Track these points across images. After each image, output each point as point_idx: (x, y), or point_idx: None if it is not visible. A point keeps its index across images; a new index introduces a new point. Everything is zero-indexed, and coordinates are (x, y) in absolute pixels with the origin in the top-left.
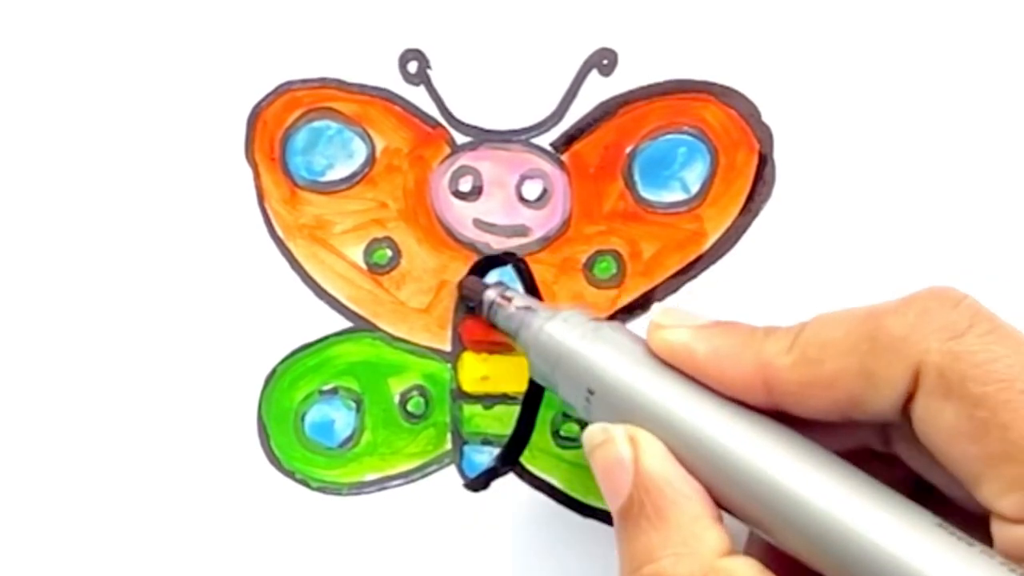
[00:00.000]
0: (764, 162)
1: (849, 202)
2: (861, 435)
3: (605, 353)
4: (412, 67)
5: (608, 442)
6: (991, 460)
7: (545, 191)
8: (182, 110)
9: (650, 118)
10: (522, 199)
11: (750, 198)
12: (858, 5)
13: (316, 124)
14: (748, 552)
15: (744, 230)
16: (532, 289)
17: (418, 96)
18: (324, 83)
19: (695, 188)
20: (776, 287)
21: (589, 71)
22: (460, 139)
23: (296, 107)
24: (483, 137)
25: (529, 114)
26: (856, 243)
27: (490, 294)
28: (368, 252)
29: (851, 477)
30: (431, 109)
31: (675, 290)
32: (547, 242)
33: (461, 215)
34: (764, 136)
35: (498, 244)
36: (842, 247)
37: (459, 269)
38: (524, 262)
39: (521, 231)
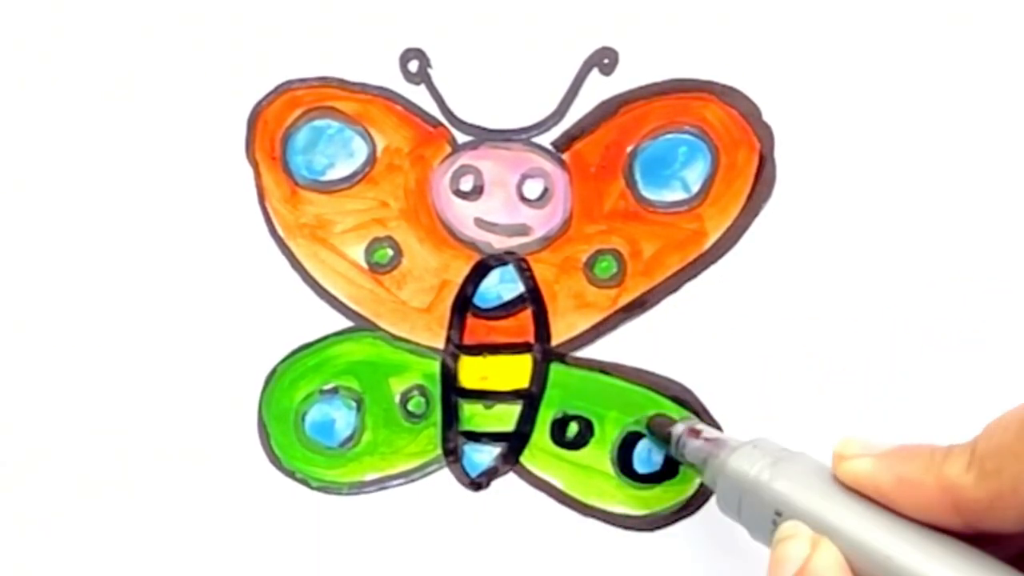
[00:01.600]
0: (765, 162)
1: (849, 202)
2: None
3: (792, 483)
4: (413, 66)
5: (793, 538)
6: None
7: (546, 190)
8: (183, 109)
9: (651, 117)
10: (523, 198)
11: (751, 198)
12: (858, 5)
13: (317, 123)
14: None
15: (745, 230)
16: (534, 288)
17: (419, 95)
18: (325, 82)
19: (696, 187)
20: (776, 286)
21: (590, 70)
22: (461, 138)
23: (297, 106)
24: (484, 136)
25: (530, 113)
26: (856, 243)
27: (678, 428)
28: (369, 251)
29: None
30: (432, 108)
31: (675, 290)
32: (548, 241)
33: (462, 214)
34: (765, 136)
35: (499, 243)
36: (842, 247)
37: (460, 268)
38: (525, 261)
39: (522, 230)
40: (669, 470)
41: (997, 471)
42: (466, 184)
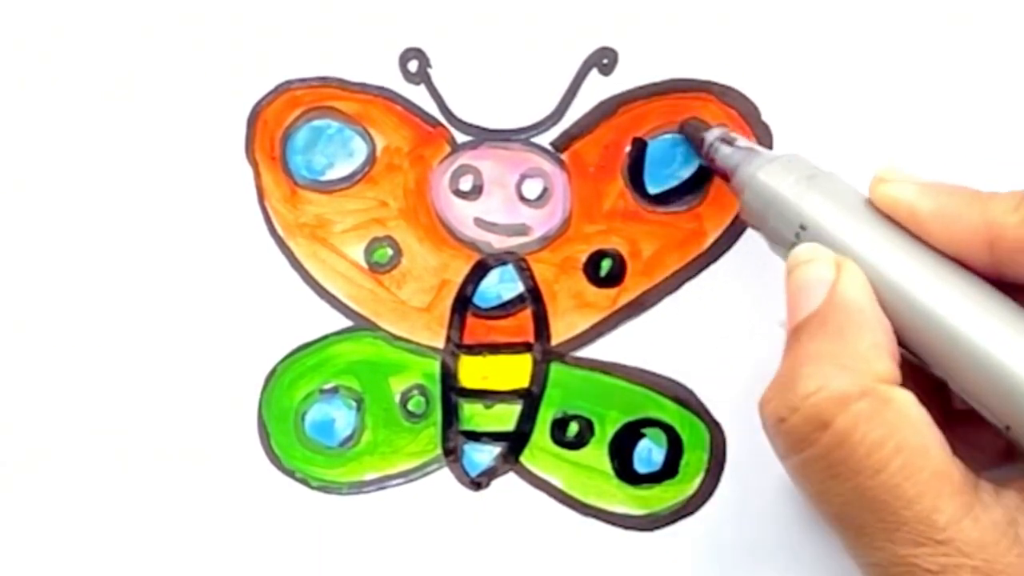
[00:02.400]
0: None
1: None
2: None
3: (823, 197)
4: (412, 66)
5: (814, 261)
6: None
7: (545, 190)
8: (183, 109)
9: (650, 117)
10: (522, 198)
11: None
12: (858, 5)
13: (316, 123)
14: None
15: (744, 229)
16: (533, 288)
17: (418, 95)
18: (325, 82)
19: (695, 188)
20: (776, 286)
21: (589, 70)
22: (460, 138)
23: (296, 106)
24: (483, 136)
25: (529, 113)
26: None
27: (714, 133)
28: (369, 251)
29: None
30: (432, 108)
31: (675, 289)
32: (547, 241)
33: (462, 214)
34: (763, 135)
35: (499, 243)
36: None
37: (460, 268)
38: (525, 261)
39: (521, 230)
40: (669, 470)
41: None
42: (465, 184)
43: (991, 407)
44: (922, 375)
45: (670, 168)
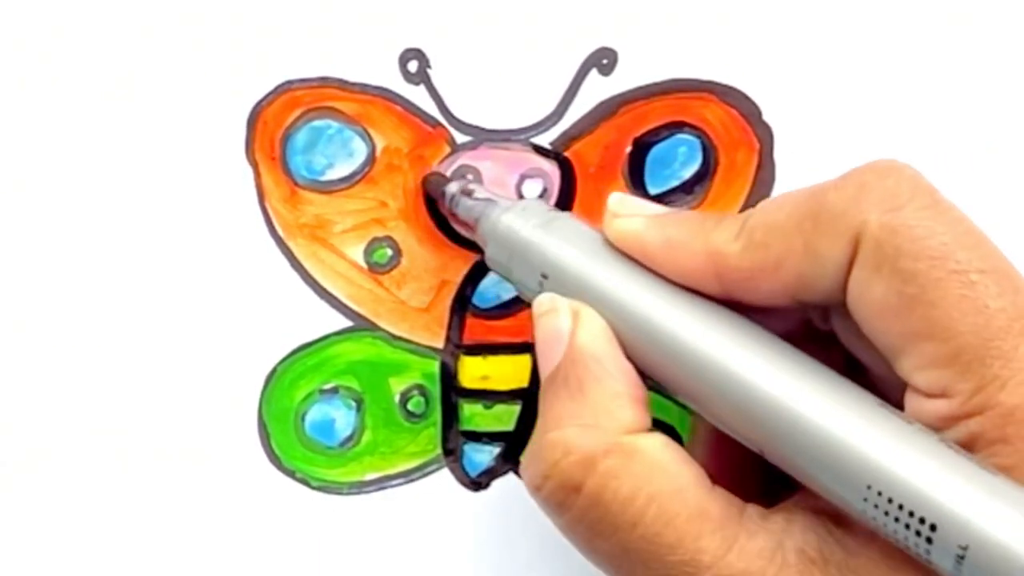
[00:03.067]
0: (764, 162)
1: None
2: (801, 316)
3: (560, 241)
4: (412, 66)
5: (552, 312)
6: (913, 336)
7: (545, 190)
8: (183, 109)
9: (651, 117)
10: (522, 198)
11: (750, 197)
12: (858, 5)
13: (316, 123)
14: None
15: None
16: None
17: (418, 95)
18: (324, 82)
19: (695, 188)
20: None
21: (589, 70)
22: (460, 138)
23: (296, 106)
24: (483, 136)
25: (529, 113)
26: None
27: (452, 187)
28: (368, 251)
29: (793, 358)
30: (431, 109)
31: None
32: None
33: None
34: (765, 136)
35: None
36: None
37: (459, 268)
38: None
39: None
40: None
41: (765, 244)
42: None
43: (742, 432)
44: None
45: (671, 168)
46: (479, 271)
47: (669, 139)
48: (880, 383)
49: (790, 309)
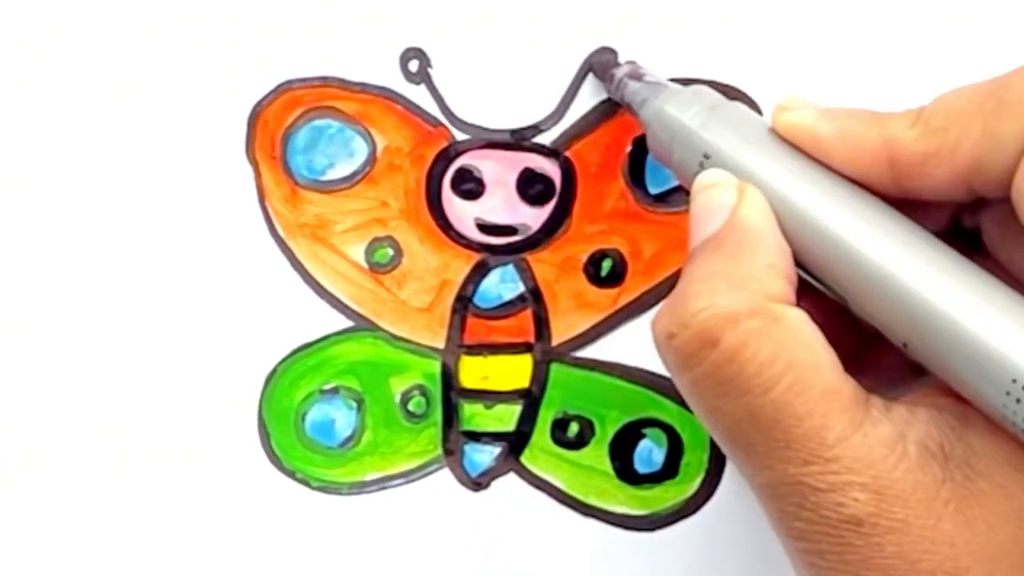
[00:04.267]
0: None
1: None
2: (950, 216)
3: (725, 126)
4: (413, 66)
5: (717, 186)
6: None
7: (546, 190)
8: (183, 109)
9: None
10: (523, 198)
11: None
12: (858, 6)
13: (317, 123)
14: None
15: None
16: (534, 288)
17: (419, 95)
18: (325, 82)
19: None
20: None
21: (589, 70)
22: (461, 138)
23: (297, 106)
24: (484, 136)
25: (530, 113)
26: None
27: (622, 69)
28: (369, 251)
29: (945, 254)
30: (432, 108)
31: None
32: (548, 241)
33: (462, 214)
34: None
35: (499, 243)
36: None
37: (460, 268)
38: (525, 261)
39: (522, 230)
40: (670, 470)
41: (943, 128)
42: (466, 184)
43: (889, 325)
44: (825, 300)
45: None
46: (480, 271)
47: None
48: (1021, 287)
49: (943, 206)
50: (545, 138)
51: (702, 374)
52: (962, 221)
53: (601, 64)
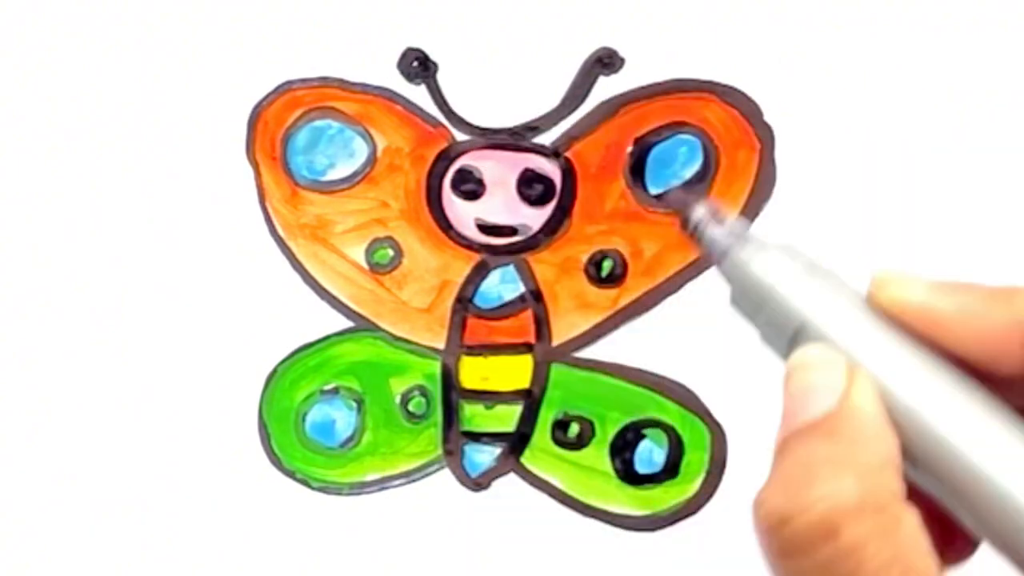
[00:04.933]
0: (765, 162)
1: (850, 201)
2: None
3: (824, 298)
4: (413, 66)
5: (823, 367)
6: None
7: (546, 190)
8: (183, 110)
9: (651, 117)
10: (524, 198)
11: (751, 198)
12: (858, 6)
13: (317, 123)
14: None
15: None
16: (534, 288)
17: (419, 96)
18: (325, 82)
19: (697, 187)
20: None
21: (590, 70)
22: (462, 138)
23: (297, 106)
24: (485, 136)
25: (531, 113)
26: (857, 243)
27: (699, 211)
28: (369, 252)
29: None
30: (432, 108)
31: (676, 290)
32: (548, 241)
33: (463, 214)
34: (766, 136)
35: (500, 243)
36: (843, 246)
37: (461, 269)
38: (526, 261)
39: (523, 230)
40: (670, 470)
41: None
42: (467, 185)
43: (1011, 546)
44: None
45: (671, 168)
46: (480, 271)
47: (670, 139)
48: None
49: None
50: (545, 139)
51: (813, 566)
52: None
53: (676, 200)
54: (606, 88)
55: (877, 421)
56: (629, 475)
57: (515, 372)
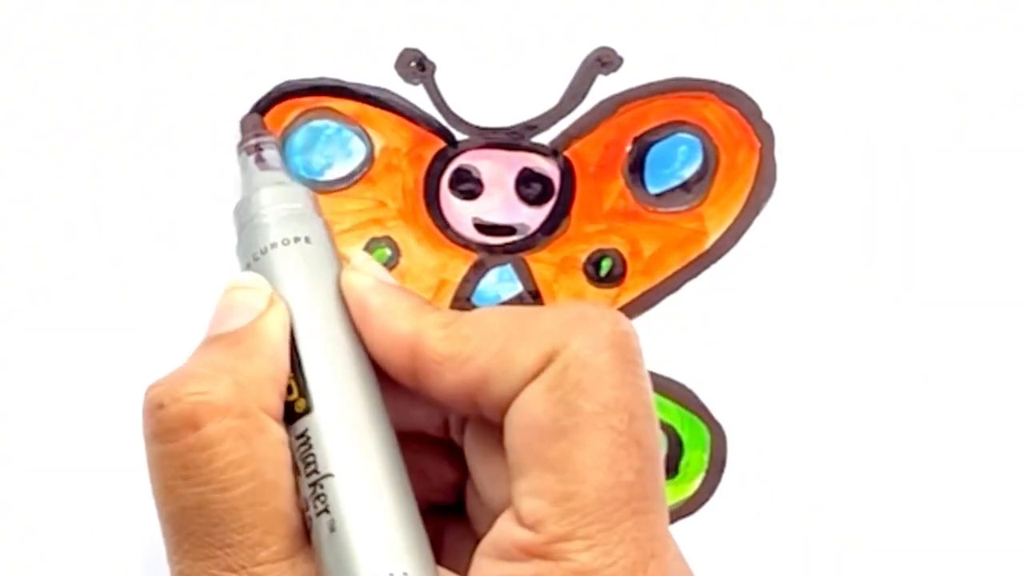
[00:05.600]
0: (765, 161)
1: (850, 201)
2: (439, 421)
3: (298, 244)
4: (411, 66)
5: (252, 289)
6: (544, 462)
7: (545, 190)
8: (182, 110)
9: (651, 116)
10: (522, 198)
11: (751, 197)
12: (858, 6)
13: (315, 123)
14: None
15: (745, 229)
16: (533, 288)
17: (417, 95)
18: (323, 83)
19: (696, 187)
20: (777, 286)
21: (589, 70)
22: (460, 138)
23: (295, 106)
24: (483, 136)
25: (529, 113)
26: (857, 242)
27: (250, 143)
28: (367, 251)
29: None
30: (430, 108)
31: (676, 289)
32: (547, 241)
33: (460, 214)
34: (765, 135)
35: (498, 243)
36: (843, 246)
37: (458, 268)
38: (524, 261)
39: (521, 230)
40: (669, 470)
41: (467, 337)
42: (464, 184)
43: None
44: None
45: (671, 167)
46: (478, 271)
47: (669, 138)
48: (478, 503)
49: (442, 412)
50: (544, 138)
51: (172, 451)
52: (449, 430)
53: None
54: (605, 87)
55: (276, 344)
56: None
57: None
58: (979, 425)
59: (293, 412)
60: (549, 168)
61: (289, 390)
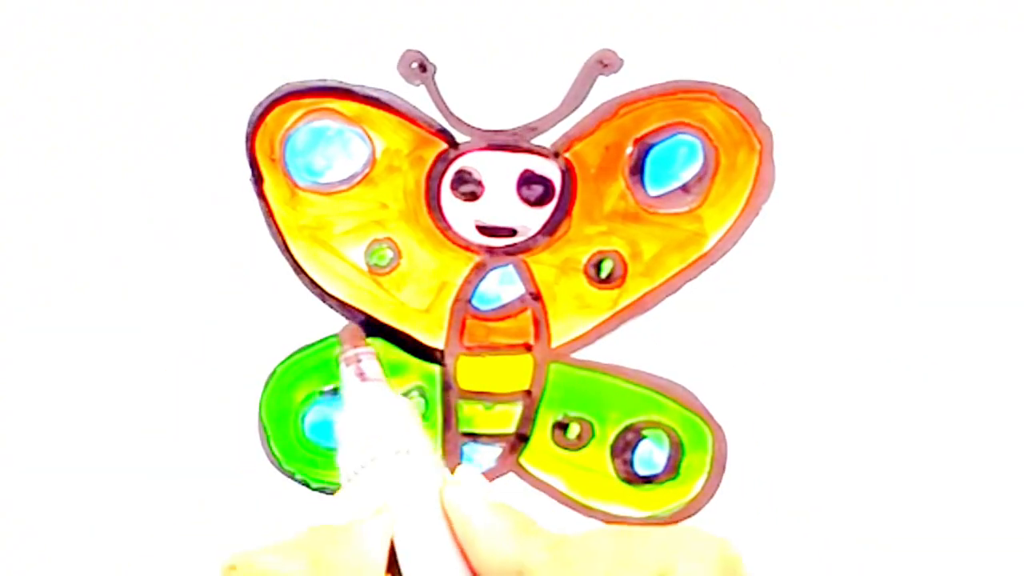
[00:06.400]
0: (765, 162)
1: (850, 201)
2: None
3: (412, 459)
4: (413, 68)
5: (355, 502)
6: None
7: (546, 191)
8: (184, 110)
9: (651, 118)
10: (523, 199)
11: (751, 198)
12: (858, 6)
13: (317, 125)
14: None
15: (744, 230)
16: (533, 290)
17: (418, 97)
18: (325, 84)
19: (696, 188)
20: (777, 287)
21: (590, 71)
22: (461, 139)
23: (297, 107)
24: (484, 138)
25: (530, 114)
26: (857, 243)
27: (349, 354)
28: (368, 253)
29: None
30: (431, 110)
31: (676, 290)
32: (548, 242)
33: (462, 216)
34: (765, 136)
35: (498, 244)
36: (843, 247)
37: (459, 269)
38: (525, 262)
39: (522, 231)
40: (670, 471)
41: (569, 562)
42: (466, 186)
43: None
44: None
45: (671, 169)
46: (479, 272)
47: (670, 140)
48: None
49: None
50: (545, 139)
51: None
52: None
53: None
54: (606, 89)
55: (369, 546)
56: (629, 476)
57: (514, 373)
58: (979, 425)
59: None
60: (550, 170)
61: None
